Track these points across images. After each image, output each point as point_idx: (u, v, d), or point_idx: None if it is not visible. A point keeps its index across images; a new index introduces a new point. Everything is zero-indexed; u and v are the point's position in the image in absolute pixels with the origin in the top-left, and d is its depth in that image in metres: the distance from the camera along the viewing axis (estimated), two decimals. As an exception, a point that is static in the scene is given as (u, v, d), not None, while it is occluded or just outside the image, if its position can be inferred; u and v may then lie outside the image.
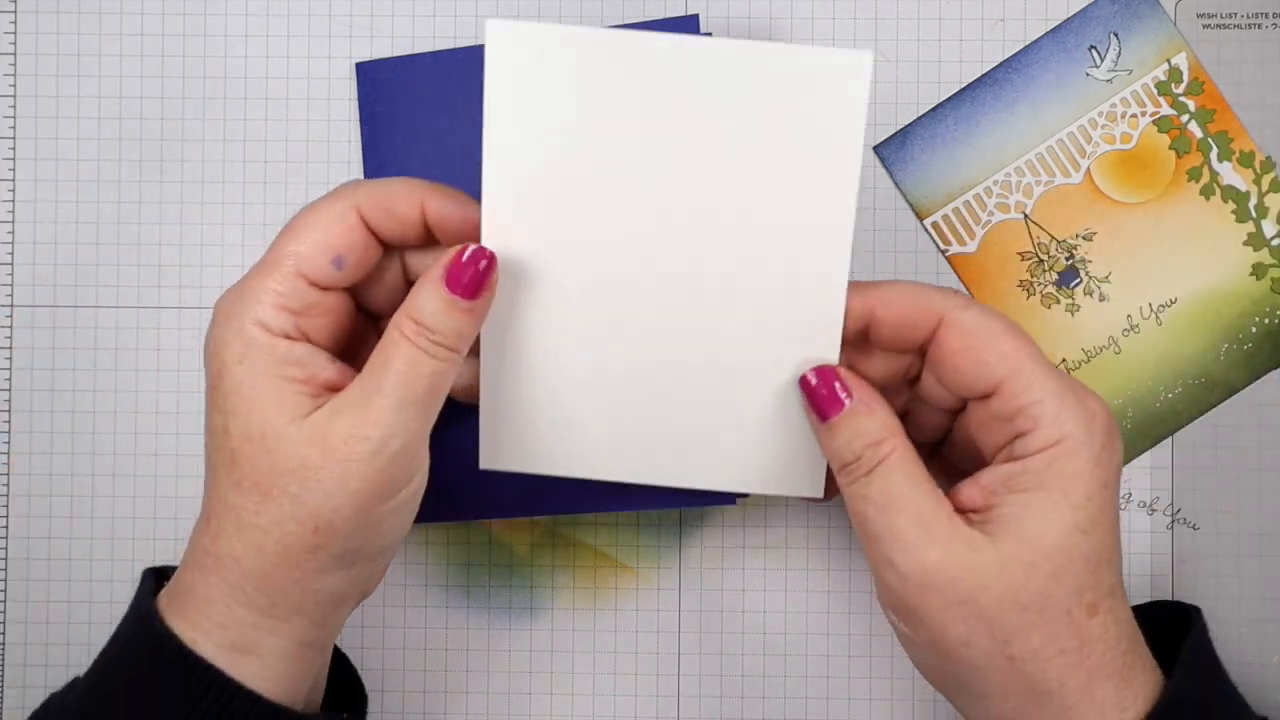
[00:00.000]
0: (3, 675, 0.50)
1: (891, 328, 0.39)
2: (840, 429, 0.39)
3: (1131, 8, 0.43)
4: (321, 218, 0.39)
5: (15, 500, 0.50)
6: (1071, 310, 0.43)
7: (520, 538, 0.50)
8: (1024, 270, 0.43)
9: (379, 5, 0.50)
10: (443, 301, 0.38)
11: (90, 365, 0.50)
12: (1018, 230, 0.43)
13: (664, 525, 0.50)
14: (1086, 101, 0.44)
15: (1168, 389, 0.44)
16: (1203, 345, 0.44)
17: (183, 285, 0.50)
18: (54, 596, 0.50)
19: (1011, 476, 0.37)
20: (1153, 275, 0.44)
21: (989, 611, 0.36)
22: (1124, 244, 0.44)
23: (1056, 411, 0.37)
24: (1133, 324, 0.44)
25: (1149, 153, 0.44)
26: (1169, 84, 0.43)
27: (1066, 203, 0.43)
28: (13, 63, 0.50)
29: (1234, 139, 0.43)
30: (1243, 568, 0.49)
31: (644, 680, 0.49)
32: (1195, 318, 0.44)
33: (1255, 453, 0.49)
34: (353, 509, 0.37)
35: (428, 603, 0.50)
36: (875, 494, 0.38)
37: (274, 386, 0.37)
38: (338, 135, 0.50)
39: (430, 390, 0.37)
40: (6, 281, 0.50)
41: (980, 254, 0.43)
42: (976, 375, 0.38)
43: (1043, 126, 0.43)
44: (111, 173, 0.50)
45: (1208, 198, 0.43)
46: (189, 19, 0.50)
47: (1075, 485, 0.36)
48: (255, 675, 0.37)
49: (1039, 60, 0.43)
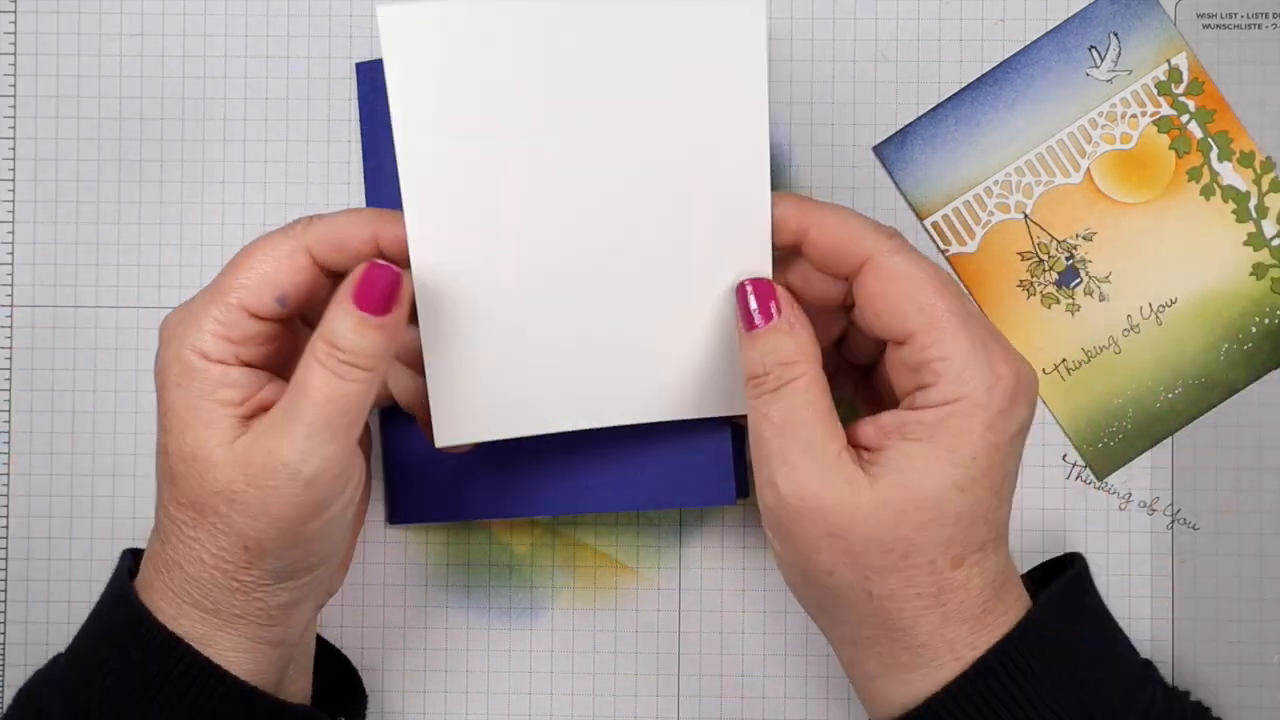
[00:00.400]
0: (3, 675, 0.50)
1: (820, 251, 0.40)
2: (759, 341, 0.40)
3: (1131, 8, 0.43)
4: (271, 254, 0.39)
5: (15, 500, 0.50)
6: (1072, 310, 0.43)
7: (520, 538, 0.50)
8: (1024, 270, 0.43)
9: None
10: (354, 319, 0.38)
11: (90, 365, 0.50)
12: (1018, 230, 0.43)
13: (664, 525, 0.50)
14: (1086, 102, 0.43)
15: (1168, 389, 0.44)
16: (1203, 345, 0.44)
17: (183, 285, 0.50)
18: (54, 596, 0.50)
19: (906, 424, 0.38)
20: (1153, 275, 0.44)
21: (855, 548, 0.38)
22: (1124, 244, 0.43)
23: (960, 371, 0.38)
24: (1133, 324, 0.44)
25: (1149, 153, 0.43)
26: (1169, 84, 0.43)
27: (1066, 203, 0.43)
28: (12, 63, 0.50)
29: (1234, 139, 0.43)
30: (1243, 568, 0.49)
31: (644, 680, 0.49)
32: (1195, 318, 0.44)
33: (1255, 453, 0.49)
34: (277, 531, 0.37)
35: (428, 603, 0.50)
36: (775, 413, 0.39)
37: (208, 409, 0.38)
38: (338, 135, 0.50)
39: (345, 413, 0.38)
40: (6, 281, 0.50)
41: (980, 254, 0.43)
42: (890, 321, 0.39)
43: (1042, 127, 0.43)
44: (111, 173, 0.50)
45: (1208, 198, 0.43)
46: (189, 19, 0.50)
47: (962, 444, 0.37)
48: (215, 661, 0.38)
49: (1039, 60, 0.43)
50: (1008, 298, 0.43)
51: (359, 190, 0.49)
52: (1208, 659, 0.49)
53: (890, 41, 0.49)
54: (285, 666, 0.41)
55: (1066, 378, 0.44)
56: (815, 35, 0.49)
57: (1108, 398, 0.44)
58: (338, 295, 0.39)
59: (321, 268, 0.40)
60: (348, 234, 0.40)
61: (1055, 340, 0.44)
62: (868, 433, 0.39)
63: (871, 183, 0.48)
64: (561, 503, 0.47)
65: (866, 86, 0.49)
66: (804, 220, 0.40)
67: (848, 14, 0.49)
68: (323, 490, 0.38)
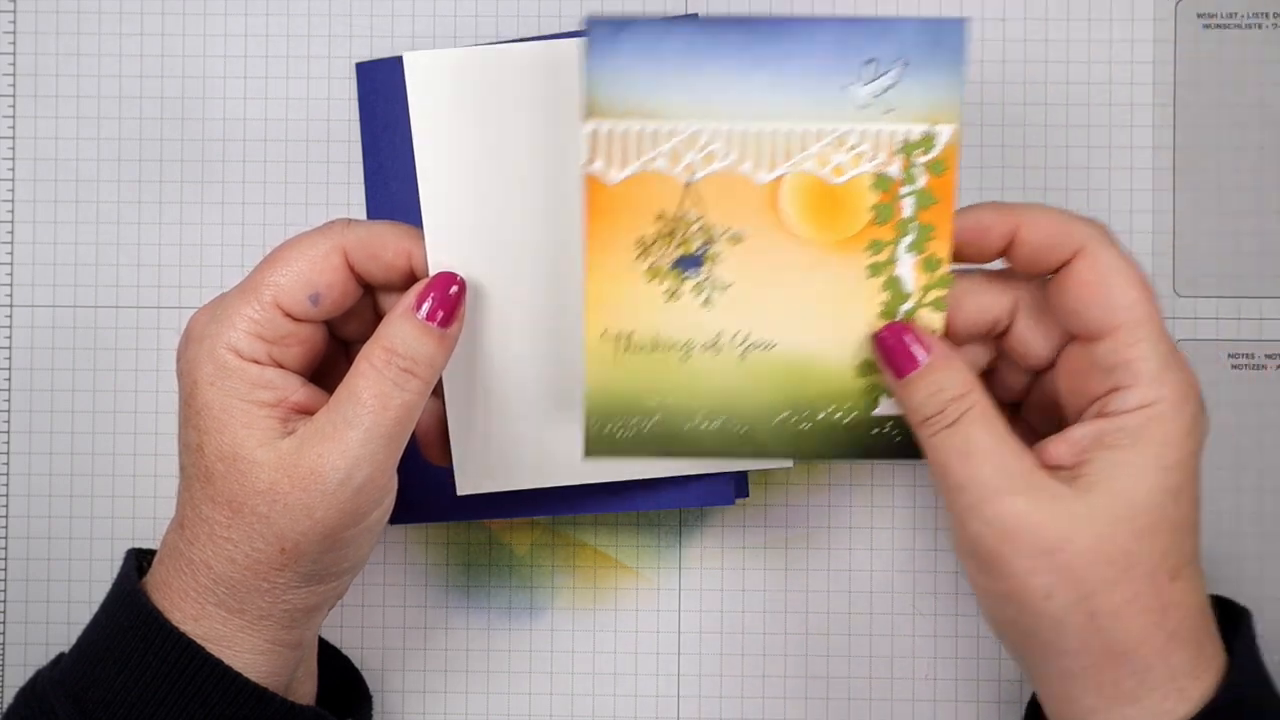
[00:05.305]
0: (3, 675, 0.50)
1: (1031, 248, 0.39)
2: (920, 384, 0.38)
3: (937, 50, 0.37)
4: (307, 253, 0.39)
5: (15, 500, 0.50)
6: (670, 295, 0.38)
7: (520, 538, 0.50)
8: (652, 231, 0.38)
9: (379, 5, 0.50)
10: (417, 327, 0.39)
11: (90, 365, 0.50)
12: (671, 190, 0.37)
13: (664, 525, 0.50)
14: (823, 111, 0.37)
15: (708, 419, 0.40)
16: (765, 400, 0.40)
17: (183, 285, 0.50)
18: (54, 596, 0.50)
19: (1105, 433, 0.37)
20: (769, 312, 0.39)
21: (1073, 564, 0.36)
22: (766, 268, 0.39)
23: (1159, 372, 0.37)
24: (717, 343, 0.39)
25: (849, 199, 0.38)
26: (914, 147, 0.38)
27: (737, 195, 0.38)
28: (12, 63, 0.50)
29: (935, 238, 0.38)
30: (1243, 568, 0.49)
31: (644, 680, 0.49)
32: (777, 372, 0.40)
33: (1255, 453, 0.49)
34: (319, 535, 0.38)
35: (428, 603, 0.50)
36: (959, 444, 0.37)
37: (245, 410, 0.38)
38: (338, 135, 0.50)
39: (397, 422, 0.38)
40: (6, 281, 0.50)
41: (619, 189, 0.37)
42: (1098, 314, 0.38)
43: (764, 107, 0.37)
44: (111, 173, 0.50)
45: (871, 274, 0.39)
46: (189, 19, 0.50)
47: (1169, 448, 0.36)
48: (231, 663, 0.38)
49: (816, 39, 0.37)
50: (618, 247, 0.38)
51: (359, 190, 0.49)
52: (1208, 659, 0.49)
53: None
54: (296, 669, 0.41)
55: (624, 350, 0.39)
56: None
57: (646, 393, 0.40)
58: (398, 305, 0.39)
59: (354, 273, 0.40)
60: (384, 243, 0.40)
61: (637, 311, 0.39)
62: (1058, 451, 0.38)
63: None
64: (561, 503, 0.47)
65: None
66: (1012, 221, 0.39)
67: (847, 14, 0.49)
68: (367, 498, 0.38)
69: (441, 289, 0.39)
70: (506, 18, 0.50)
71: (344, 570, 0.40)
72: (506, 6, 0.50)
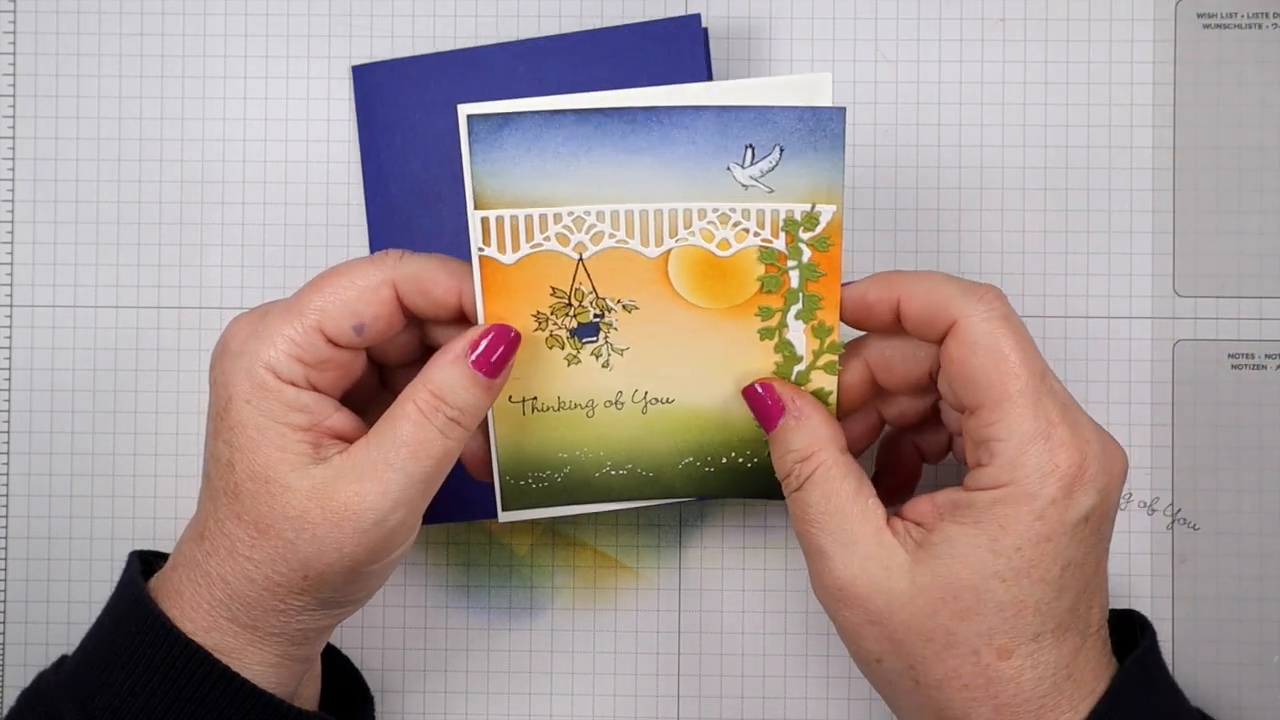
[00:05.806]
0: (3, 674, 0.50)
1: (913, 322, 0.39)
2: (776, 443, 0.40)
3: (814, 136, 0.38)
4: (357, 282, 0.38)
5: (15, 500, 0.50)
6: (571, 360, 0.40)
7: (520, 538, 0.50)
8: (548, 304, 0.39)
9: (378, 5, 0.50)
10: (465, 377, 0.38)
11: (90, 365, 0.50)
12: (565, 267, 0.39)
13: (664, 525, 0.50)
14: (709, 190, 0.38)
15: (616, 466, 0.42)
16: (670, 448, 0.42)
17: (183, 285, 0.50)
18: (54, 596, 0.50)
19: (958, 505, 0.37)
20: (667, 372, 0.41)
21: (897, 634, 0.37)
22: (661, 334, 0.40)
23: (1014, 455, 0.36)
24: (619, 400, 0.41)
25: (737, 271, 0.39)
26: (799, 224, 0.39)
27: (628, 269, 0.39)
28: (12, 63, 0.50)
29: (824, 308, 0.39)
30: (1243, 568, 0.49)
31: (644, 680, 0.49)
32: (678, 424, 0.42)
33: (1255, 453, 0.49)
34: (344, 568, 0.38)
35: (428, 603, 0.50)
36: (801, 509, 0.39)
37: (279, 432, 0.38)
38: (337, 135, 0.50)
39: (437, 468, 0.38)
40: (6, 281, 0.50)
41: (514, 269, 0.39)
42: (961, 390, 0.38)
43: (647, 189, 0.38)
44: (111, 173, 0.50)
45: (763, 338, 0.40)
46: (189, 19, 0.50)
47: (1006, 534, 0.36)
48: (239, 673, 0.38)
49: (696, 126, 0.38)
50: (516, 320, 0.39)
51: (359, 190, 0.49)
52: (1208, 659, 0.49)
53: (890, 41, 0.49)
54: (303, 676, 0.41)
55: (528, 414, 0.41)
56: (815, 35, 0.49)
57: (556, 449, 0.42)
58: (449, 349, 0.38)
59: (401, 305, 0.39)
60: (435, 280, 0.39)
61: (539, 377, 0.41)
62: (922, 510, 0.38)
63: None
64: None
65: (866, 86, 0.49)
66: (893, 295, 0.39)
67: (848, 14, 0.49)
68: (398, 537, 0.38)
69: (498, 341, 0.39)
70: (506, 18, 0.50)
71: (361, 598, 0.40)
72: (506, 7, 0.50)
